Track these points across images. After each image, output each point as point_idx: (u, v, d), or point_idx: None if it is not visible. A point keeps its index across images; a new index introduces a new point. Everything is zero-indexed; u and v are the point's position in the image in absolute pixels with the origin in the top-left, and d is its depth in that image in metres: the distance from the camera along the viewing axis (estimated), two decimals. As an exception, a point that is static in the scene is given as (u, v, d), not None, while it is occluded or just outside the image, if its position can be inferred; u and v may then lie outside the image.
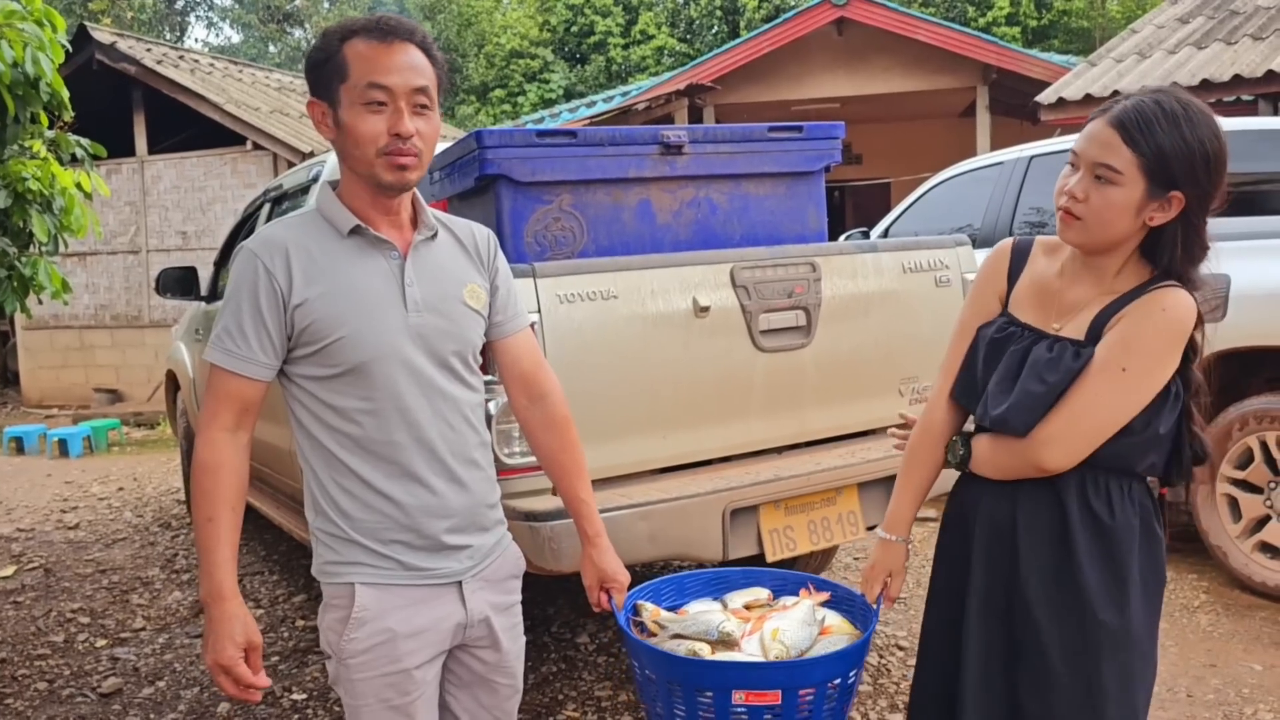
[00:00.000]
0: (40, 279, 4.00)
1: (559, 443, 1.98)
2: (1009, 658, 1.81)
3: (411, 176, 1.71)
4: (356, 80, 1.68)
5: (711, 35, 20.13)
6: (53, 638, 4.41)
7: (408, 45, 1.70)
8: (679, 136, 3.18)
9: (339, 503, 1.76)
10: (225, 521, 1.69)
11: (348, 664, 1.76)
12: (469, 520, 1.82)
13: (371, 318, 1.71)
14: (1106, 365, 1.69)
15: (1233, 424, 4.20)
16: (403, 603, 1.76)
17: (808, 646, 1.90)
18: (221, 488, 1.69)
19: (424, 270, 1.78)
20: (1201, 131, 1.64)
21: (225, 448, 1.70)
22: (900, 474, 2.00)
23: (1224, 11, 9.26)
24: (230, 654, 1.66)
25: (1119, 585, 1.76)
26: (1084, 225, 1.70)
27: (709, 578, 2.21)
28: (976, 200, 5.63)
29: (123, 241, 11.89)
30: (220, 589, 1.67)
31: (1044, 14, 18.28)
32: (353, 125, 1.68)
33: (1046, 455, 1.73)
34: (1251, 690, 3.42)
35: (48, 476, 8.32)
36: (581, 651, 3.93)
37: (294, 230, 1.76)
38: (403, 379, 1.73)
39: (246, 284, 1.70)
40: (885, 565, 1.98)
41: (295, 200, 4.48)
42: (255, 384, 1.72)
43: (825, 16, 11.58)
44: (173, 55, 12.55)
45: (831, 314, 3.22)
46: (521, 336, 1.96)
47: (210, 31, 28.53)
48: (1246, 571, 4.22)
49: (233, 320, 1.71)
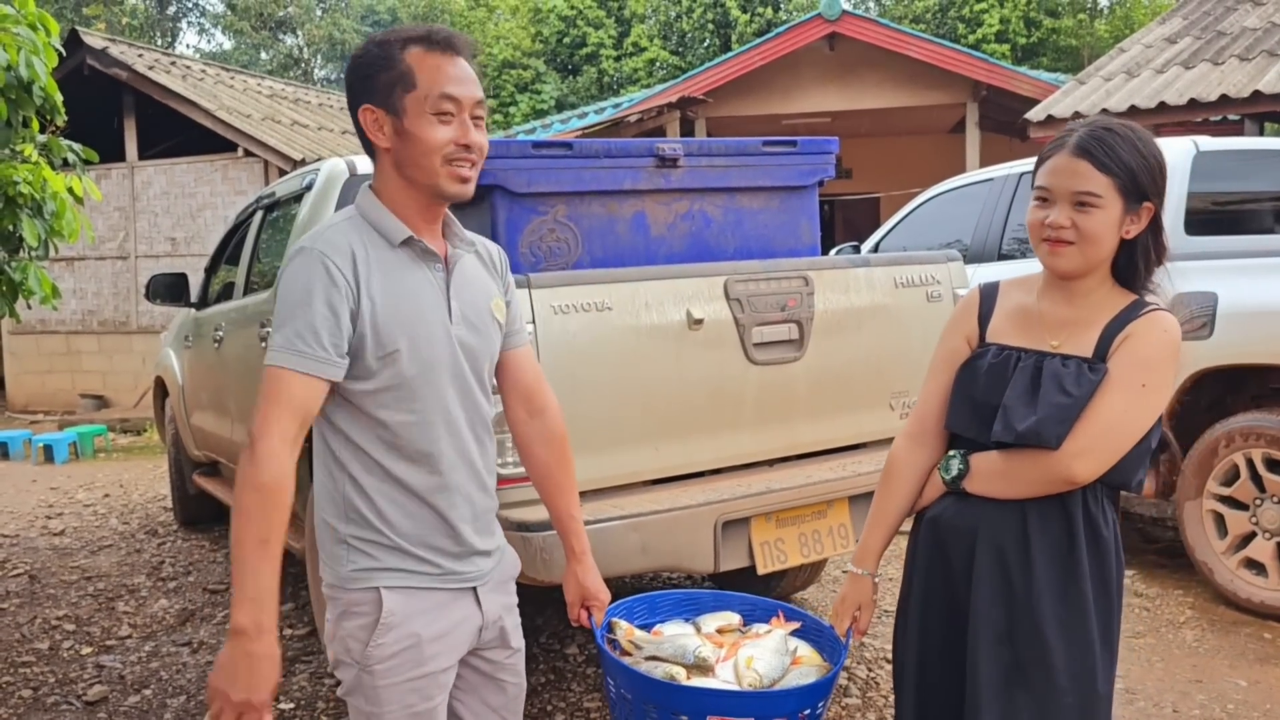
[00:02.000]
0: (30, 284, 3.99)
1: (555, 458, 2.01)
2: (1013, 680, 1.81)
3: (470, 187, 1.76)
4: (427, 90, 1.69)
5: (703, 48, 20.20)
6: (38, 645, 4.38)
7: (466, 59, 1.74)
8: (674, 149, 3.20)
9: (384, 511, 1.75)
10: (278, 546, 1.58)
11: (373, 670, 1.73)
12: (486, 524, 1.88)
13: (426, 329, 1.73)
14: (1128, 382, 1.76)
15: (1219, 441, 4.23)
16: (427, 606, 1.77)
17: (779, 676, 1.94)
18: (281, 510, 1.58)
19: (463, 283, 1.82)
20: (1151, 146, 1.79)
21: (288, 462, 1.60)
22: (871, 509, 2.04)
23: (1211, 32, 9.36)
24: (264, 698, 1.55)
25: (1107, 605, 1.82)
26: (1077, 250, 1.78)
27: (680, 598, 2.23)
28: (966, 216, 5.68)
29: (111, 247, 11.85)
30: (262, 623, 1.55)
31: (1033, 32, 18.42)
32: (422, 134, 1.70)
33: (1080, 467, 1.76)
34: (1236, 706, 3.44)
35: (33, 482, 8.27)
36: (570, 662, 3.93)
37: (352, 235, 1.73)
38: (449, 391, 1.76)
39: (317, 282, 1.65)
40: (855, 599, 2.02)
41: (287, 208, 4.48)
42: (324, 387, 1.65)
43: (817, 32, 11.65)
44: (164, 61, 12.53)
45: (824, 328, 3.24)
46: (525, 350, 1.99)
47: (202, 38, 28.49)
48: (1232, 588, 4.24)
49: (301, 320, 1.63)
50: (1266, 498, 4.15)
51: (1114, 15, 20.04)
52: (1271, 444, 4.11)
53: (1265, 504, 4.15)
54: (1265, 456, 4.14)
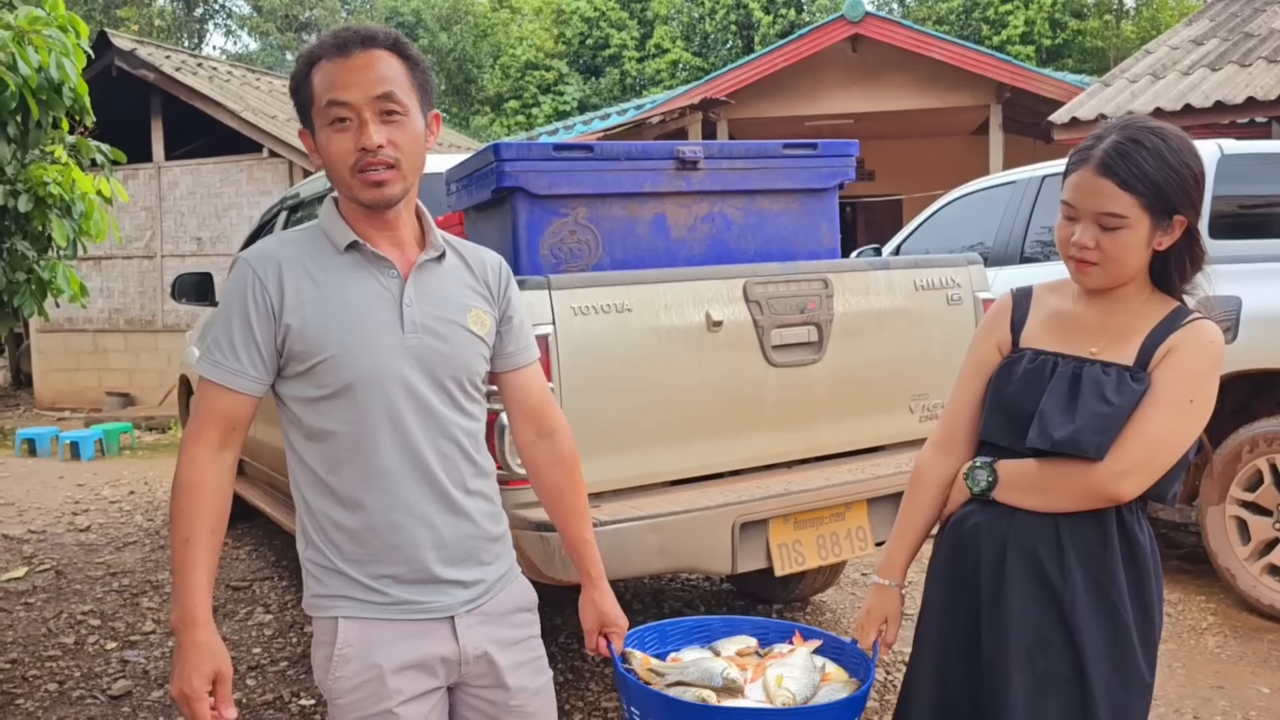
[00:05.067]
0: (58, 283, 4.04)
1: (566, 480, 1.91)
2: (1046, 690, 1.77)
3: (390, 190, 1.63)
4: (320, 101, 1.62)
5: (726, 50, 20.20)
6: (63, 639, 4.44)
7: (370, 53, 1.62)
8: (695, 152, 3.21)
9: (327, 532, 1.69)
10: (203, 544, 1.61)
11: (336, 704, 1.69)
12: (465, 553, 1.74)
13: (362, 337, 1.64)
14: (1175, 398, 1.71)
15: (1242, 446, 4.20)
16: (392, 637, 1.68)
17: (812, 693, 1.89)
18: (201, 508, 1.61)
19: (425, 291, 1.71)
20: (1184, 155, 1.70)
21: (208, 466, 1.63)
22: (897, 519, 2.00)
23: (1239, 34, 9.28)
24: (195, 685, 1.58)
25: (1146, 617, 1.77)
26: (1102, 270, 1.74)
27: (690, 626, 2.18)
28: (989, 219, 5.65)
29: (138, 246, 11.97)
30: (193, 615, 1.60)
31: (1058, 33, 18.31)
32: (324, 147, 1.64)
33: (1125, 486, 1.71)
34: (1259, 713, 3.42)
35: (59, 479, 8.36)
36: (588, 662, 3.94)
37: (292, 245, 1.70)
38: (398, 400, 1.66)
39: (238, 296, 1.65)
40: (881, 611, 1.98)
41: (311, 209, 4.52)
42: (243, 399, 1.65)
43: (840, 33, 11.62)
44: (191, 62, 12.65)
45: (843, 330, 3.24)
46: (532, 370, 1.89)
47: (228, 39, 28.73)
48: (1255, 594, 4.21)
49: (223, 332, 1.65)
50: (1290, 504, 4.12)
51: (1140, 17, 19.89)
52: (1296, 450, 4.08)
53: (1289, 510, 4.12)
54: (1289, 462, 4.11)
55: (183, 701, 1.59)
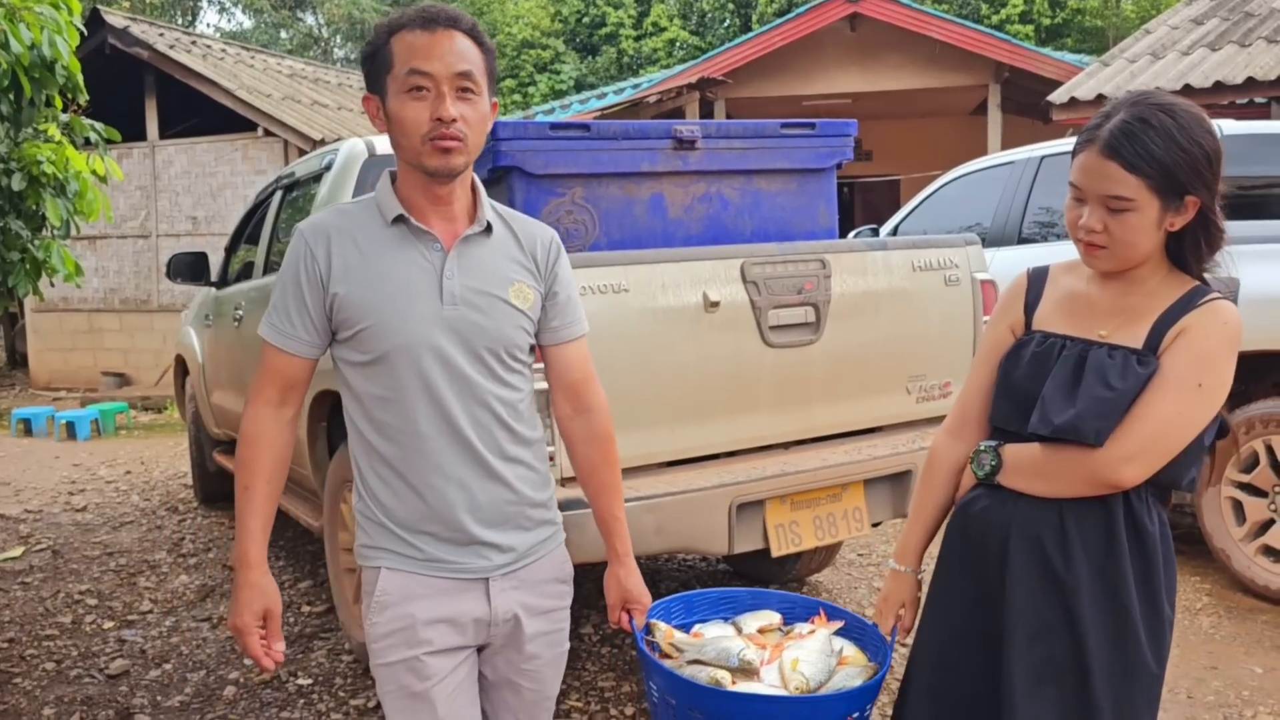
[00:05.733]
0: (53, 262, 4.02)
1: (601, 457, 1.96)
2: (1047, 677, 1.74)
3: (456, 161, 1.71)
4: (399, 69, 1.70)
5: (724, 29, 20.08)
6: (60, 619, 4.45)
7: (452, 33, 1.71)
8: (692, 132, 3.19)
9: (374, 489, 1.79)
10: (260, 492, 1.76)
11: (372, 649, 1.80)
12: (503, 517, 1.81)
13: (400, 308, 1.72)
14: (1182, 382, 1.66)
15: (1239, 427, 4.21)
16: (427, 591, 1.77)
17: (826, 678, 1.90)
18: (260, 460, 1.76)
19: (468, 264, 1.77)
20: (1194, 133, 1.64)
21: (268, 422, 1.77)
22: (912, 505, 1.98)
23: (1239, 14, 9.24)
24: (246, 620, 1.74)
25: (1154, 607, 1.73)
26: (1110, 254, 1.69)
27: (716, 597, 2.19)
28: (987, 199, 5.63)
29: (133, 226, 11.92)
30: (247, 557, 1.75)
31: (1058, 12, 18.20)
32: (398, 113, 1.70)
33: (1127, 472, 1.66)
34: (1252, 693, 3.44)
35: (55, 459, 8.36)
36: (585, 642, 3.95)
37: (344, 217, 1.80)
38: (431, 369, 1.73)
39: (291, 265, 1.77)
40: (898, 597, 1.97)
41: (307, 188, 4.50)
42: (298, 361, 1.78)
43: (838, 12, 11.56)
44: (185, 40, 12.57)
45: (840, 311, 3.23)
46: (575, 345, 1.93)
47: (222, 16, 28.43)
48: (1249, 574, 4.23)
49: (279, 298, 1.78)
50: (1286, 485, 4.13)
51: (1140, -4, 19.78)
52: (1292, 431, 4.09)
53: (1284, 491, 4.13)
54: (1285, 443, 4.12)
55: (236, 633, 1.75)
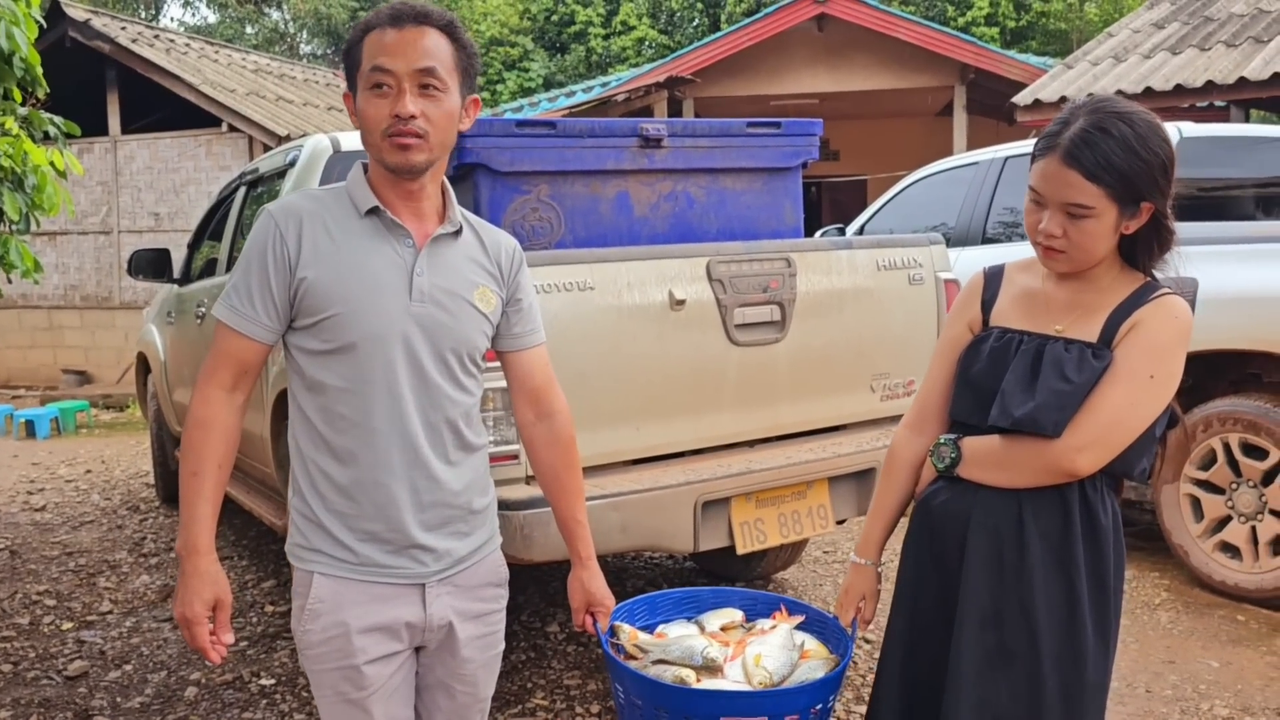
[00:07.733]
0: (11, 258, 3.97)
1: (563, 462, 1.97)
2: (995, 663, 1.79)
3: (416, 158, 1.70)
4: (365, 66, 1.70)
5: (692, 28, 20.11)
6: (18, 620, 4.38)
7: (421, 29, 1.70)
8: (658, 130, 3.20)
9: (316, 483, 1.76)
10: (209, 477, 1.71)
11: (305, 654, 1.78)
12: (443, 520, 1.80)
13: (371, 299, 1.71)
14: (1135, 373, 1.71)
15: (1197, 425, 4.27)
16: (362, 598, 1.75)
17: (789, 672, 1.93)
18: (210, 444, 1.71)
19: (437, 264, 1.77)
20: (1152, 143, 1.69)
21: (219, 406, 1.72)
22: (873, 500, 2.03)
23: (1199, 18, 9.36)
24: (196, 610, 1.69)
25: (1103, 595, 1.78)
26: (1069, 257, 1.74)
27: (679, 597, 2.22)
28: (951, 199, 5.69)
29: (94, 222, 11.76)
30: (195, 544, 1.70)
31: (1022, 15, 18.38)
32: (362, 109, 1.71)
33: (1081, 461, 1.72)
34: (1208, 686, 3.49)
35: (14, 457, 8.23)
36: (551, 640, 3.95)
37: (315, 202, 1.77)
38: (396, 365, 1.72)
39: (258, 246, 1.72)
40: (858, 589, 2.01)
41: (271, 184, 4.46)
42: (255, 345, 1.73)
43: (806, 12, 11.61)
44: (148, 34, 12.41)
45: (806, 309, 3.25)
46: (536, 352, 1.95)
47: (186, 11, 28.17)
48: (1207, 570, 4.29)
49: (241, 279, 1.73)
50: (1242, 482, 4.19)
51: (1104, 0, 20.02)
52: (1248, 429, 4.15)
53: (1241, 488, 4.20)
54: (1242, 441, 4.18)
55: (184, 624, 1.70)
